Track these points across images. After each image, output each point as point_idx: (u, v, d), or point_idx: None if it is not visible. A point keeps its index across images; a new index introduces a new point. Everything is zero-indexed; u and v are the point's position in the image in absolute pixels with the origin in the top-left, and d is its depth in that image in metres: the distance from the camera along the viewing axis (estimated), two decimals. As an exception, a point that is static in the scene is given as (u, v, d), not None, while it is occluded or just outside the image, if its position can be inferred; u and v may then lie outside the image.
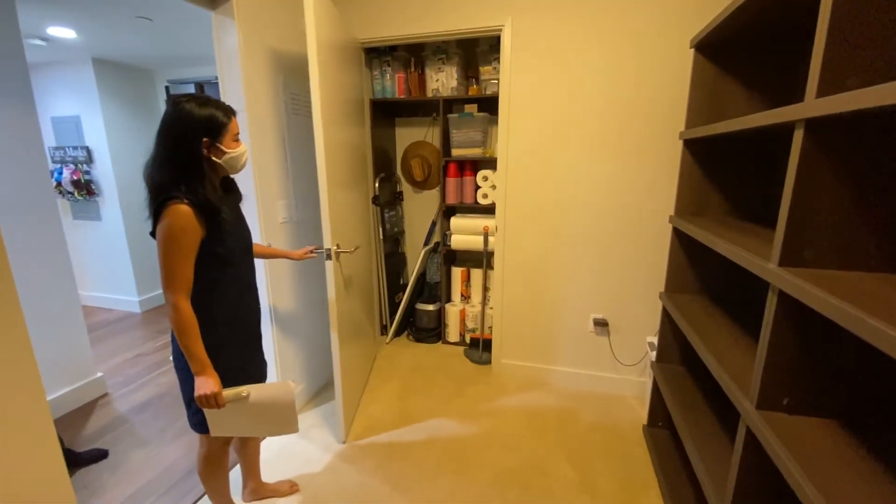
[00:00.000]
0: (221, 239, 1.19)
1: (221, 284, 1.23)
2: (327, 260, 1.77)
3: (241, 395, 1.23)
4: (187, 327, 1.14)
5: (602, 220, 2.19)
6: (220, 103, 1.18)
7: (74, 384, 2.26)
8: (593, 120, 2.10)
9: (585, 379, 2.40)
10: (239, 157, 1.21)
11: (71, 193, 3.47)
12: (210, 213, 1.14)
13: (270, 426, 1.31)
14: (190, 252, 1.13)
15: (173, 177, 1.11)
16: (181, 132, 1.11)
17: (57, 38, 2.61)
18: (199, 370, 1.17)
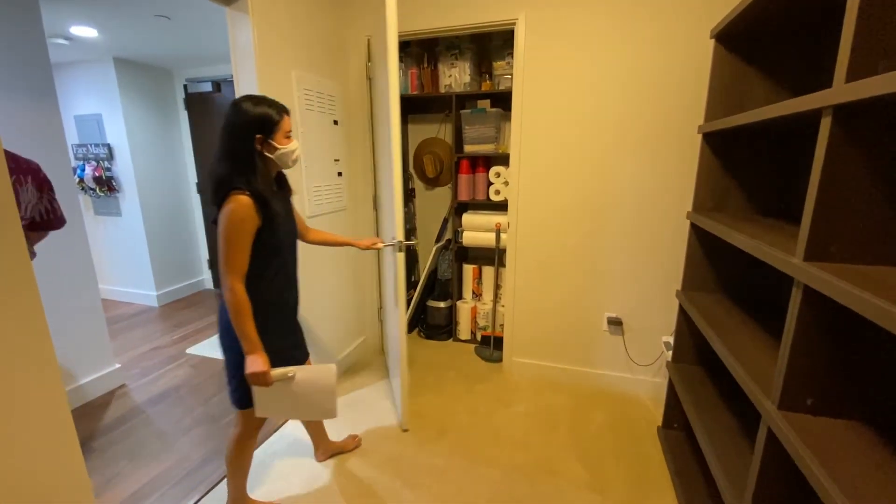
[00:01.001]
0: (274, 230, 1.27)
1: (270, 272, 1.31)
2: (399, 252, 1.87)
3: (287, 375, 1.30)
4: (241, 308, 1.21)
5: (617, 216, 2.15)
6: (273, 102, 1.25)
7: (93, 375, 2.32)
8: (608, 115, 2.07)
9: (599, 378, 2.36)
10: (290, 153, 1.28)
11: (93, 190, 3.57)
12: (264, 205, 1.22)
13: (311, 410, 1.38)
14: (247, 239, 1.21)
15: (231, 170, 1.20)
16: (237, 129, 1.21)
17: (79, 37, 2.67)
18: (250, 349, 1.24)
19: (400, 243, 1.86)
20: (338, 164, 2.38)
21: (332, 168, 2.34)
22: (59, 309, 2.14)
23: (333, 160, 2.34)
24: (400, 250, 1.88)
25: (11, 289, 0.96)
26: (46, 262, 2.07)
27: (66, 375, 2.19)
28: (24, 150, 1.98)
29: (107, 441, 1.97)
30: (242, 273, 1.22)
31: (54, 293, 2.11)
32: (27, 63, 1.96)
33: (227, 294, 1.21)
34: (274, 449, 1.91)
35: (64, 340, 2.17)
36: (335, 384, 1.34)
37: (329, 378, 1.34)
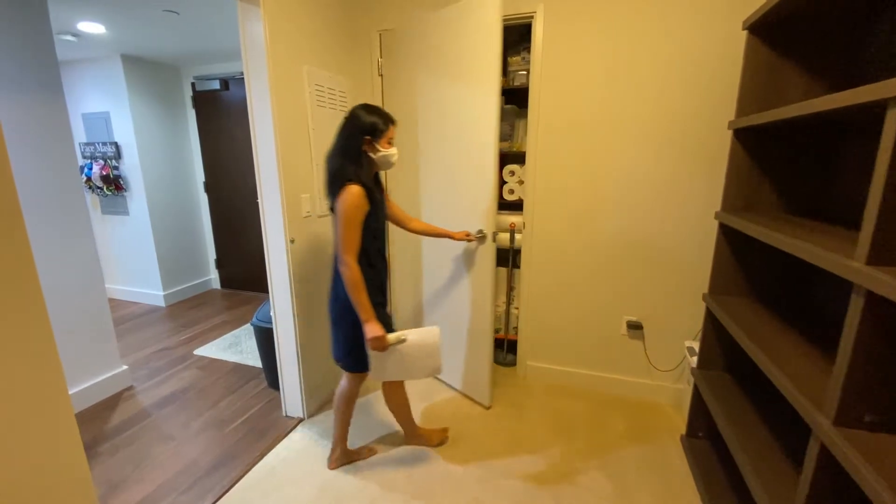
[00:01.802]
0: (376, 216, 1.49)
1: (371, 253, 1.50)
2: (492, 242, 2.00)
3: (401, 339, 1.50)
4: (358, 282, 1.43)
5: (637, 216, 2.08)
6: (383, 112, 1.47)
7: (100, 377, 2.27)
8: (628, 112, 1.99)
9: (617, 384, 2.28)
10: (389, 156, 1.49)
11: (100, 188, 3.53)
12: (370, 195, 1.44)
13: (420, 368, 1.56)
14: (360, 222, 1.42)
15: (343, 163, 1.43)
16: (351, 130, 1.44)
17: (87, 33, 2.63)
18: (368, 318, 1.46)
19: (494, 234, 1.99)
20: (349, 162, 2.32)
21: (343, 166, 2.28)
22: (66, 309, 2.10)
23: (344, 158, 2.28)
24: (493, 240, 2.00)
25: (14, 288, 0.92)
26: (52, 262, 2.03)
27: (72, 377, 2.14)
28: (30, 147, 1.95)
29: (113, 446, 1.92)
30: (356, 251, 1.43)
31: (60, 293, 2.07)
32: (34, 59, 1.92)
33: (345, 270, 1.43)
34: (283, 456, 1.86)
35: (70, 342, 2.12)
36: (439, 342, 1.53)
37: (435, 338, 1.52)
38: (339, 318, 1.57)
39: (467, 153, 2.03)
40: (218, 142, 3.78)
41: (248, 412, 2.16)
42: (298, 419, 2.09)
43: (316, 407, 2.16)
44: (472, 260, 2.10)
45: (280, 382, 2.08)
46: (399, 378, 1.58)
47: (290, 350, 2.01)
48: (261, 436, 1.98)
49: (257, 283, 4.04)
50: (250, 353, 2.80)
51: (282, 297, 1.95)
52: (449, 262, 2.24)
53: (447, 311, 2.31)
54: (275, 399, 2.26)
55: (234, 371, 2.58)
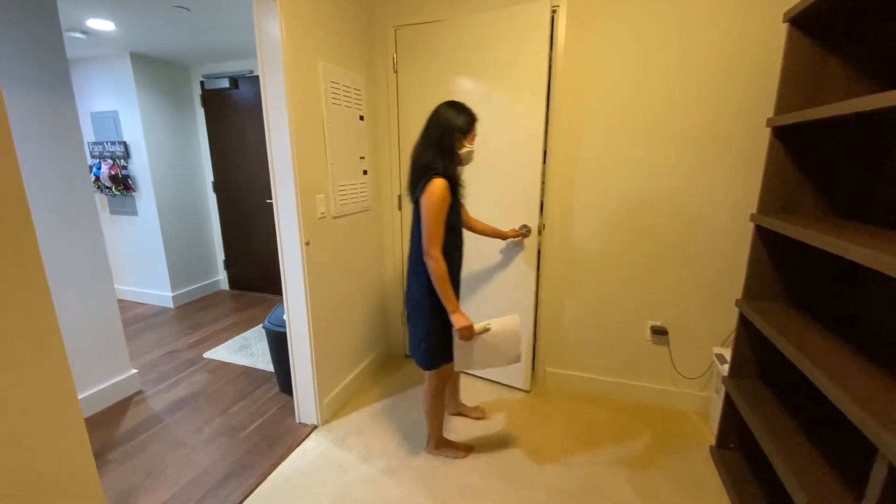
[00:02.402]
0: (456, 210, 1.53)
1: (450, 246, 1.52)
2: (538, 236, 2.12)
3: (486, 328, 1.52)
4: (444, 273, 1.47)
5: (662, 216, 2.00)
6: (469, 111, 1.52)
7: (109, 381, 2.22)
8: (655, 108, 1.91)
9: (640, 391, 2.21)
10: (471, 153, 1.54)
11: (108, 188, 3.50)
12: (454, 189, 1.48)
13: (501, 357, 1.58)
14: (444, 215, 1.45)
15: (433, 157, 1.47)
16: (444, 126, 1.48)
17: (96, 30, 2.59)
18: (454, 309, 1.51)
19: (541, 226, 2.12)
20: (363, 161, 2.26)
21: (358, 166, 2.22)
22: (75, 312, 2.05)
23: (359, 158, 2.22)
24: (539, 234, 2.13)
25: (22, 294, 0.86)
26: (61, 263, 1.98)
27: (81, 382, 2.10)
28: (39, 147, 1.90)
29: (123, 453, 1.87)
30: (441, 244, 1.46)
31: (69, 296, 2.02)
32: (43, 57, 1.87)
33: (432, 263, 1.46)
34: (298, 465, 1.80)
35: (79, 345, 2.08)
36: (520, 331, 1.55)
37: (516, 326, 1.54)
38: (412, 312, 1.61)
39: (509, 148, 2.10)
40: (227, 141, 3.74)
41: (260, 418, 2.11)
42: (312, 426, 2.03)
43: (330, 414, 2.10)
44: (515, 254, 2.20)
45: (293, 388, 2.03)
46: (483, 367, 1.60)
47: (304, 355, 1.95)
48: (274, 443, 1.92)
49: (266, 283, 4.00)
50: (260, 356, 2.75)
51: (296, 301, 1.89)
52: (492, 256, 2.27)
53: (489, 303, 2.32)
54: (287, 404, 2.20)
55: (245, 375, 2.53)
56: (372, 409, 2.17)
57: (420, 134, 1.53)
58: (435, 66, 2.22)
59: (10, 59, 1.78)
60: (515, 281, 2.26)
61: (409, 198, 1.56)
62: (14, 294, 0.85)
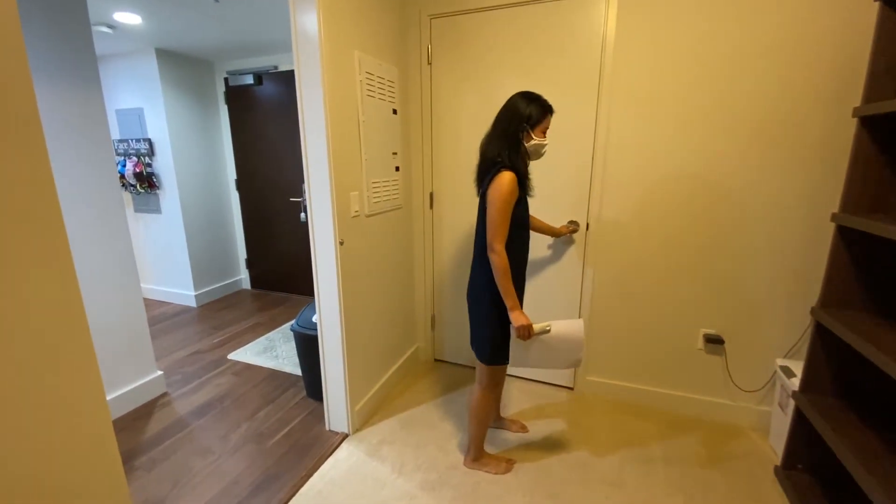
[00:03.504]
0: (521, 207, 1.45)
1: (516, 242, 1.46)
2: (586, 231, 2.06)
3: (545, 329, 1.44)
4: (506, 269, 1.40)
5: (719, 213, 1.85)
6: (541, 100, 1.43)
7: (135, 383, 2.17)
8: (716, 95, 1.76)
9: (691, 404, 2.06)
10: (542, 145, 1.45)
11: (133, 186, 3.47)
12: (521, 182, 1.42)
13: (560, 360, 1.50)
14: (510, 209, 1.40)
15: (500, 149, 1.42)
16: (511, 117, 1.42)
17: (123, 23, 2.54)
18: (513, 306, 1.43)
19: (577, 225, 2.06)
20: (395, 157, 2.16)
21: (390, 162, 2.12)
22: (100, 310, 2.00)
23: (391, 153, 2.12)
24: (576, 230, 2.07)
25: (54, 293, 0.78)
26: (87, 262, 1.93)
27: (107, 383, 2.04)
28: (67, 142, 1.84)
29: (149, 459, 1.80)
30: (505, 238, 1.40)
31: (95, 295, 1.97)
32: (72, 51, 1.82)
33: (495, 257, 1.40)
34: (330, 476, 1.70)
35: (105, 345, 2.02)
36: (583, 336, 1.46)
37: (580, 331, 1.45)
38: (473, 303, 1.58)
39: (557, 142, 1.99)
40: (250, 139, 3.68)
41: (288, 425, 2.02)
42: (343, 435, 1.93)
43: (361, 422, 2.00)
44: (564, 250, 2.13)
45: (324, 394, 1.93)
46: (539, 367, 1.53)
47: (335, 360, 1.86)
48: (304, 453, 1.83)
49: (288, 283, 3.94)
50: (286, 358, 2.68)
51: (329, 303, 1.79)
52: (541, 249, 2.18)
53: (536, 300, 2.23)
54: (316, 410, 2.11)
55: (271, 378, 2.45)
56: (402, 417, 2.07)
57: (491, 124, 1.49)
58: (472, 58, 2.11)
59: (40, 54, 1.72)
60: (562, 278, 2.16)
61: (477, 191, 1.53)
62: (44, 291, 0.76)
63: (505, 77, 2.05)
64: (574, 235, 2.11)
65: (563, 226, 2.01)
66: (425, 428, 1.98)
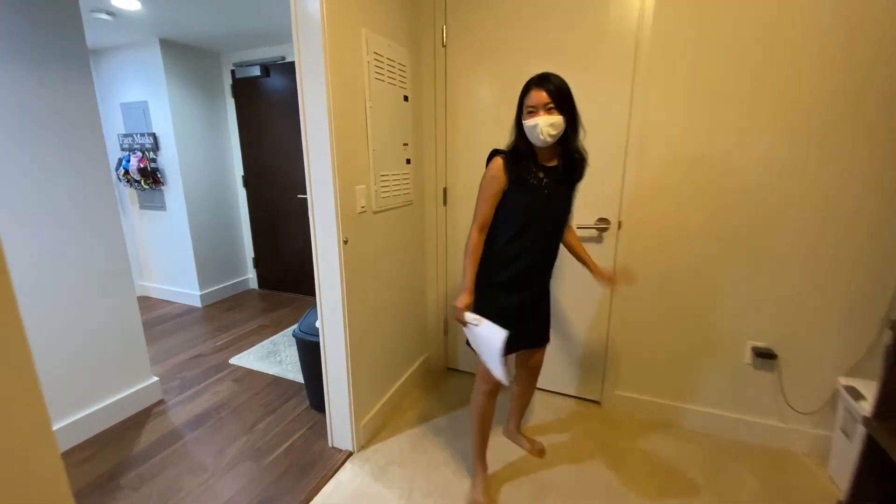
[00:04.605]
0: (517, 196, 1.32)
1: (504, 236, 1.36)
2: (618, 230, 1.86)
3: (473, 323, 1.36)
4: (470, 252, 1.38)
5: (771, 213, 1.63)
6: (532, 77, 1.27)
7: (128, 390, 2.03)
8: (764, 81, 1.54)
9: (735, 425, 1.83)
10: (530, 128, 1.26)
11: (138, 182, 3.36)
12: (513, 169, 1.31)
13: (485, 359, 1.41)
14: (491, 196, 1.34)
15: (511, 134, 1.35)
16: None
17: (122, 9, 2.41)
18: (464, 287, 1.39)
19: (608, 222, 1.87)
20: (406, 149, 1.98)
21: (401, 154, 1.94)
22: (91, 314, 1.86)
23: (402, 144, 1.94)
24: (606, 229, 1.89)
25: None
26: (76, 262, 1.79)
27: (98, 391, 1.91)
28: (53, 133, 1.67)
29: (137, 476, 1.65)
30: (482, 225, 1.37)
31: (85, 297, 1.83)
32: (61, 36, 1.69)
33: (468, 238, 1.38)
34: (332, 501, 1.53)
35: (95, 350, 1.89)
36: (499, 349, 1.31)
37: (495, 342, 1.32)
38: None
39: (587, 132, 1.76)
40: (258, 133, 3.55)
41: (289, 439, 1.86)
42: (347, 453, 1.76)
43: (367, 438, 1.83)
44: (591, 250, 1.88)
45: (326, 408, 1.77)
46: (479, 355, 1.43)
47: (339, 371, 1.69)
48: (304, 472, 1.67)
49: (296, 283, 3.80)
50: (290, 363, 2.52)
51: (332, 308, 1.62)
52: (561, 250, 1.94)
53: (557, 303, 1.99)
54: (319, 423, 1.95)
55: (273, 386, 2.30)
56: (413, 434, 1.89)
57: None
58: (491, 40, 1.92)
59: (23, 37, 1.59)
60: (589, 281, 1.94)
61: None
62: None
63: (527, 61, 1.86)
64: (604, 234, 1.90)
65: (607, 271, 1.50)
66: (438, 446, 1.80)
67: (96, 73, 3.33)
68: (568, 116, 1.25)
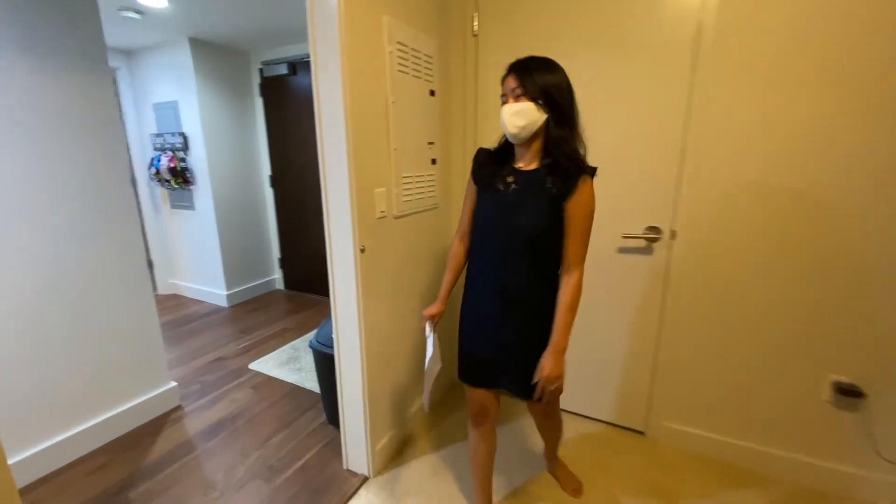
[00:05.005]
0: (482, 201, 1.19)
1: (474, 243, 1.24)
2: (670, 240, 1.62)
3: (428, 334, 1.31)
4: (448, 259, 1.31)
5: (859, 224, 1.36)
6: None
7: (145, 395, 1.99)
8: (874, 72, 1.28)
9: (807, 470, 1.57)
10: (502, 119, 1.09)
11: (168, 181, 3.38)
12: (482, 169, 1.19)
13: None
14: (466, 199, 1.26)
15: None
16: None
17: (148, 7, 2.38)
18: (438, 295, 1.33)
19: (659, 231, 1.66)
20: (432, 148, 1.83)
21: (426, 153, 1.79)
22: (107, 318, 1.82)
23: (427, 143, 1.79)
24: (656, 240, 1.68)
25: None
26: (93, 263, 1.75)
27: (114, 396, 1.87)
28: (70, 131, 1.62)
29: (146, 492, 1.58)
30: (462, 231, 1.29)
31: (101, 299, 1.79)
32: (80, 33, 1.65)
33: None
34: (343, 533, 1.40)
35: (113, 354, 1.85)
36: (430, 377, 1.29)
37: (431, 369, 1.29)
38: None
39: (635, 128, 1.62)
40: (285, 132, 3.50)
41: (302, 458, 1.75)
42: (363, 477, 1.63)
43: (383, 462, 1.69)
44: (638, 263, 1.72)
45: (341, 428, 1.64)
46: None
47: (354, 391, 1.56)
48: (316, 497, 1.55)
49: (322, 285, 3.68)
50: (309, 371, 2.43)
51: (347, 321, 1.49)
52: (607, 259, 1.78)
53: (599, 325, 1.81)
54: (334, 441, 1.83)
55: (291, 396, 2.20)
56: (434, 459, 1.74)
57: None
58: (528, 28, 1.73)
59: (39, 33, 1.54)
60: (632, 297, 1.75)
61: None
62: None
63: (568, 50, 1.65)
64: (654, 245, 1.68)
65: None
66: (461, 476, 1.64)
67: (131, 74, 3.37)
68: (552, 107, 1.03)
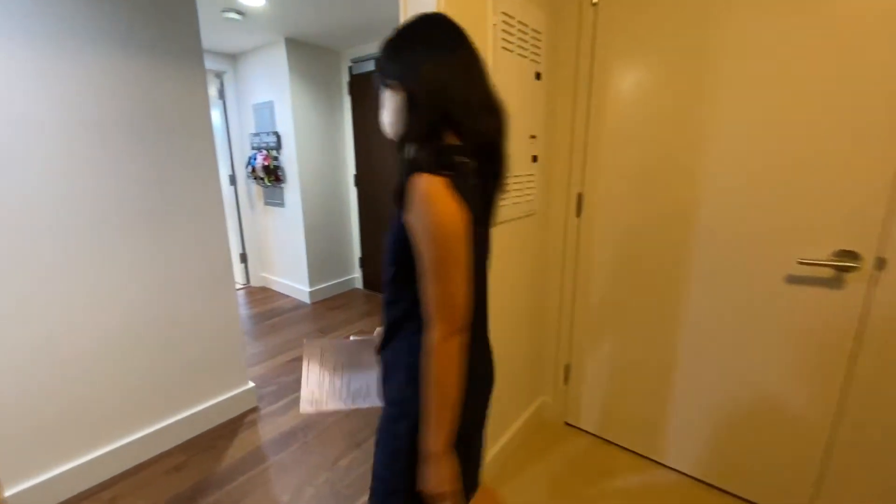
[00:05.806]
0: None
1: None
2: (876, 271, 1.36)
3: None
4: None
5: None
6: None
7: (223, 395, 1.97)
8: None
9: None
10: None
11: (262, 179, 3.50)
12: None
13: None
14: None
15: None
16: None
17: (248, 6, 2.40)
18: None
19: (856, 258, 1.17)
20: (533, 143, 1.53)
21: (526, 148, 1.50)
22: (191, 318, 1.81)
23: (529, 137, 1.50)
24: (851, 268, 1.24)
25: None
26: (181, 263, 1.74)
27: (197, 393, 1.87)
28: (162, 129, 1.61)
29: (216, 502, 1.51)
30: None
31: (185, 302, 1.78)
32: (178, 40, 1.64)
33: None
34: None
35: (195, 353, 1.84)
36: None
37: None
38: None
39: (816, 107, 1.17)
40: (369, 131, 3.43)
41: (370, 488, 1.57)
42: (435, 528, 1.40)
43: None
44: (818, 298, 1.25)
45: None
46: None
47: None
48: (383, 543, 1.35)
49: (398, 288, 3.61)
50: (383, 383, 2.27)
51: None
52: (764, 288, 1.38)
53: (750, 385, 1.39)
54: (406, 472, 1.62)
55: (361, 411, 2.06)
56: None
57: None
58: (667, -16, 1.36)
59: (135, 29, 1.54)
60: (803, 347, 1.28)
61: None
62: None
63: (719, 20, 1.25)
64: (846, 276, 1.21)
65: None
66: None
67: (235, 76, 3.55)
68: (403, 84, 0.72)
